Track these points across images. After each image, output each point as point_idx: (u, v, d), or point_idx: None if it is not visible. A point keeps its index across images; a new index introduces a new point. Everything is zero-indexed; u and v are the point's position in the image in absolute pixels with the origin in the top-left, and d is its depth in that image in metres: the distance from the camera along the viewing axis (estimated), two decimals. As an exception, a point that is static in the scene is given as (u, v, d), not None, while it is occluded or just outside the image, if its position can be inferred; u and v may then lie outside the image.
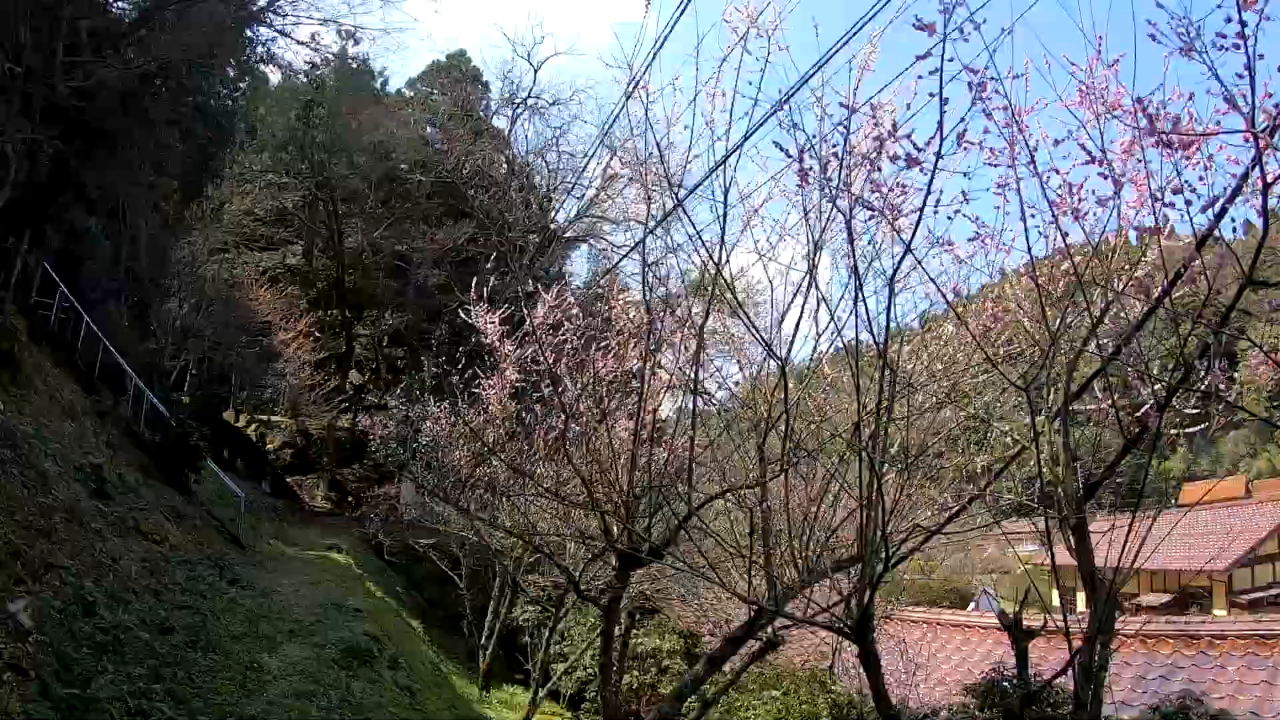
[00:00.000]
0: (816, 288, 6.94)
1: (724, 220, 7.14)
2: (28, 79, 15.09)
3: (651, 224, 8.41)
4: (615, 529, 9.75)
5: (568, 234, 41.13)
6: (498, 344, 10.52)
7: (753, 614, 8.36)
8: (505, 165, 43.20)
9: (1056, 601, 5.96)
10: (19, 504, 11.41)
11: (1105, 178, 5.16)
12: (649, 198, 8.32)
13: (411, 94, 49.87)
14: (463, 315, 10.52)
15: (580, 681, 21.90)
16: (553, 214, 42.55)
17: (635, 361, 12.94)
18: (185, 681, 10.17)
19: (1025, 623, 6.76)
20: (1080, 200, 5.26)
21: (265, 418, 41.44)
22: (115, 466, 17.83)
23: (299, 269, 43.53)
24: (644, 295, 9.01)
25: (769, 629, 9.25)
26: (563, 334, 9.69)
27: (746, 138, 7.09)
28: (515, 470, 11.31)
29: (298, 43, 31.89)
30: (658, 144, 7.39)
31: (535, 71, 44.38)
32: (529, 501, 12.98)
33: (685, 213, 8.01)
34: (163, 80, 19.27)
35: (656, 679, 19.91)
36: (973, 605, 33.74)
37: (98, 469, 16.09)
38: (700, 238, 7.40)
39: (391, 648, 15.54)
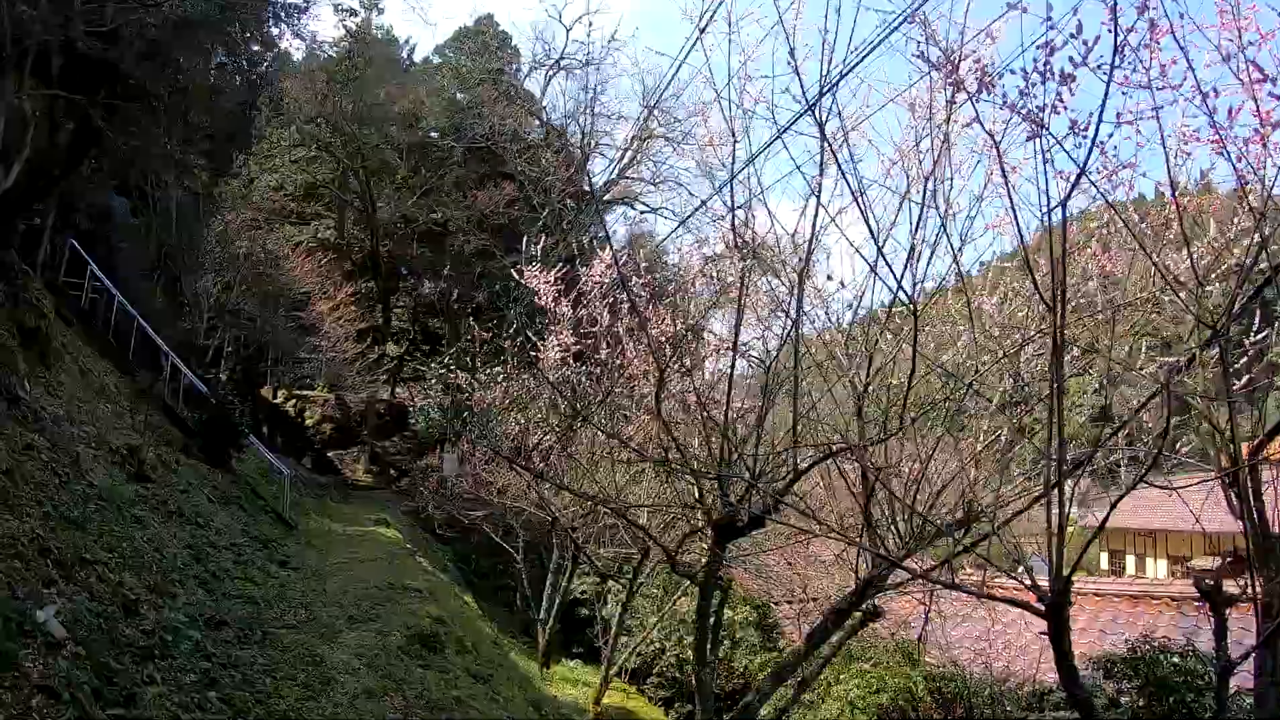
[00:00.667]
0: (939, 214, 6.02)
1: (823, 152, 6.25)
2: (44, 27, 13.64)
3: (737, 166, 7.33)
4: (709, 497, 8.56)
5: (606, 196, 39.48)
6: (553, 305, 10.06)
7: (872, 575, 7.52)
8: (539, 126, 41.54)
9: (1106, 564, 5.04)
10: (49, 492, 10.17)
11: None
12: (734, 132, 7.16)
13: (439, 60, 48.18)
14: (516, 275, 10.26)
15: (643, 656, 20.71)
16: (590, 176, 40.95)
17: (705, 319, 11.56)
18: (243, 685, 8.92)
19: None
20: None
21: (304, 393, 40.40)
22: (154, 447, 16.63)
23: (332, 243, 42.25)
24: (733, 241, 8.03)
25: (870, 600, 8.33)
26: (622, 293, 9.29)
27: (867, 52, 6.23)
28: (608, 435, 10.06)
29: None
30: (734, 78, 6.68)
31: (567, 31, 42.65)
32: (609, 469, 11.91)
33: (785, 145, 7.41)
34: (186, 40, 17.76)
35: (730, 652, 18.64)
36: (1021, 569, 32.22)
37: (134, 451, 14.85)
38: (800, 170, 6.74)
39: (458, 630, 14.29)
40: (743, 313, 8.14)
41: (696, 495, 8.83)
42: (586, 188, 39.14)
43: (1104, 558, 33.20)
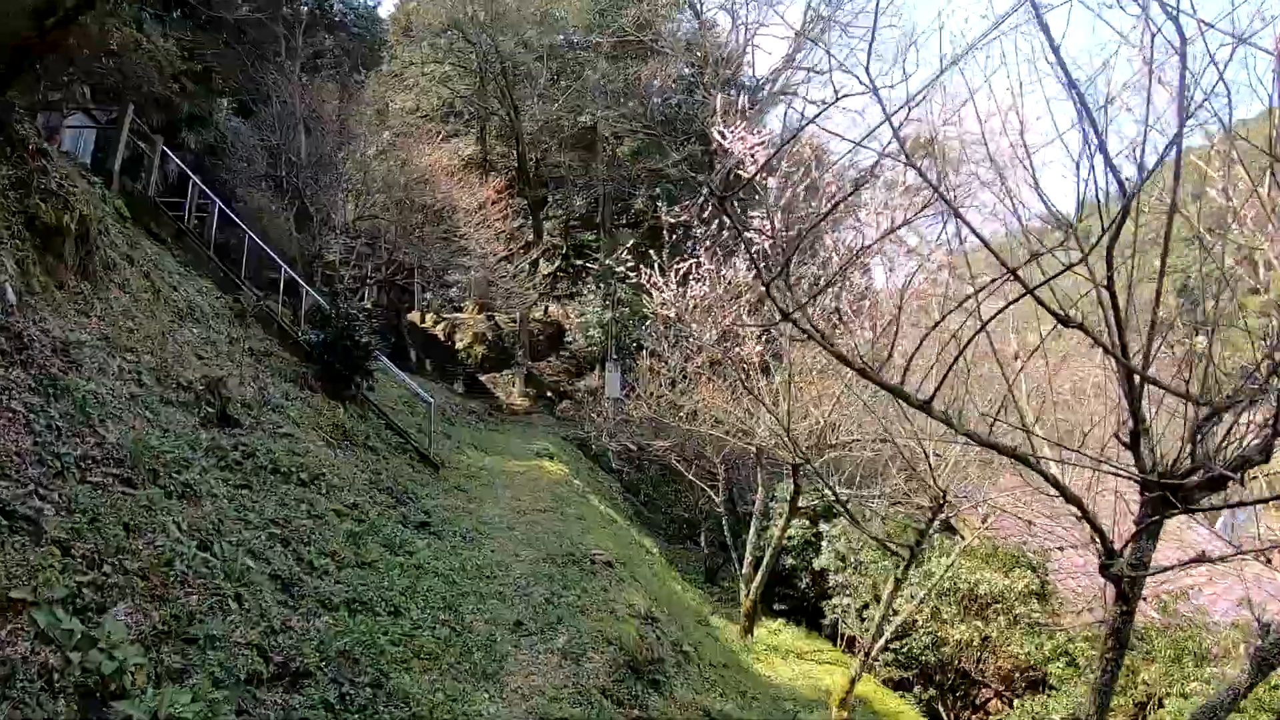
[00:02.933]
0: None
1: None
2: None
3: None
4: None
5: (767, 91, 33.09)
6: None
7: None
8: (692, 17, 35.28)
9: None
10: (50, 452, 5.53)
11: None
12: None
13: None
14: (716, 136, 7.99)
15: (868, 620, 15.48)
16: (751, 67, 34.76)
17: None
18: None
19: None
20: None
21: (453, 316, 36.37)
22: (256, 379, 12.18)
23: (475, 159, 37.56)
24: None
25: None
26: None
27: None
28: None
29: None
30: None
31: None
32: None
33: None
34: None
35: (1005, 632, 13.20)
36: None
37: (214, 386, 10.32)
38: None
39: (673, 628, 9.37)
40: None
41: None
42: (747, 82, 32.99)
43: None
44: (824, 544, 16.51)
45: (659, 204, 29.81)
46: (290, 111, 21.38)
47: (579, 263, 37.34)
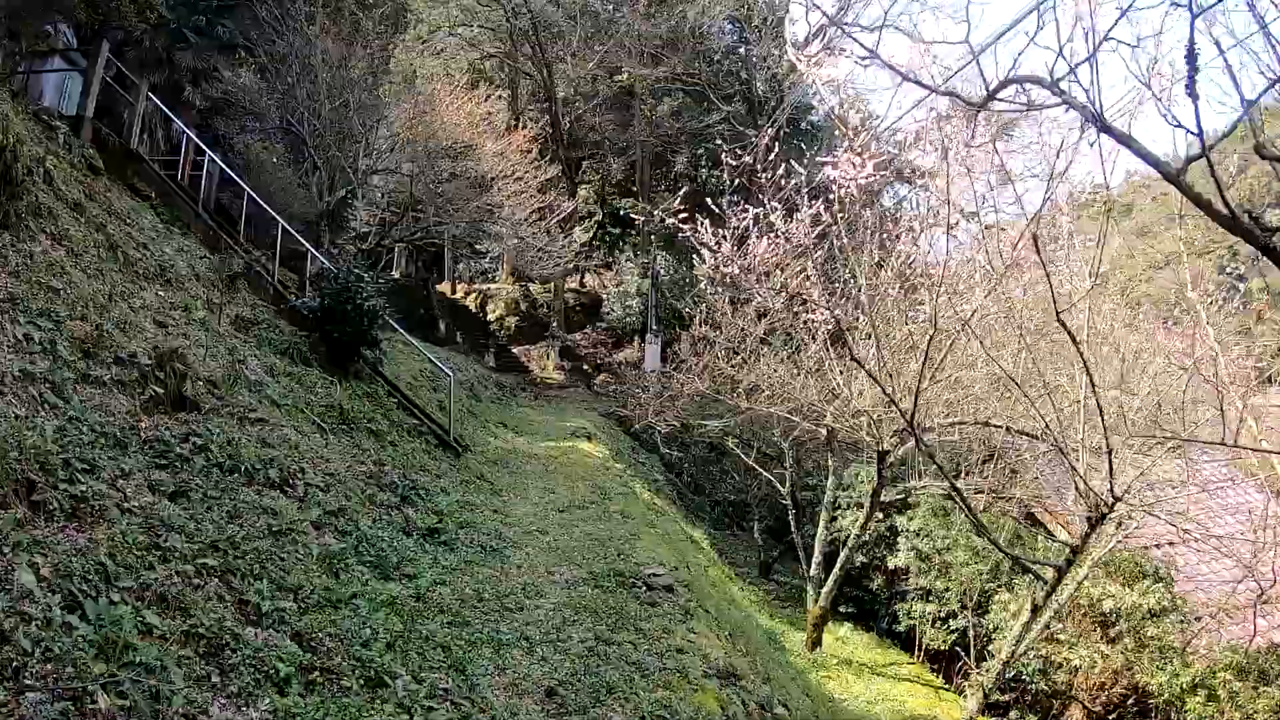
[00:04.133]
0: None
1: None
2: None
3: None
4: None
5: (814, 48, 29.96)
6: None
7: None
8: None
9: None
10: None
11: None
12: None
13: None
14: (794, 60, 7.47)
15: (954, 630, 12.93)
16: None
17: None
18: None
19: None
20: None
21: (485, 286, 33.95)
22: (234, 351, 9.75)
23: (506, 123, 34.80)
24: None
25: None
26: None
27: None
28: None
29: None
30: None
31: None
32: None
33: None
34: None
35: (1131, 657, 10.56)
36: None
37: (169, 358, 7.90)
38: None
39: (758, 682, 6.83)
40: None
41: None
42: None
43: None
44: (900, 540, 13.87)
45: (700, 166, 27.01)
46: (311, 73, 18.79)
47: (615, 230, 34.67)
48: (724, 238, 10.55)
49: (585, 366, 29.34)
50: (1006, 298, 9.10)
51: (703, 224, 10.73)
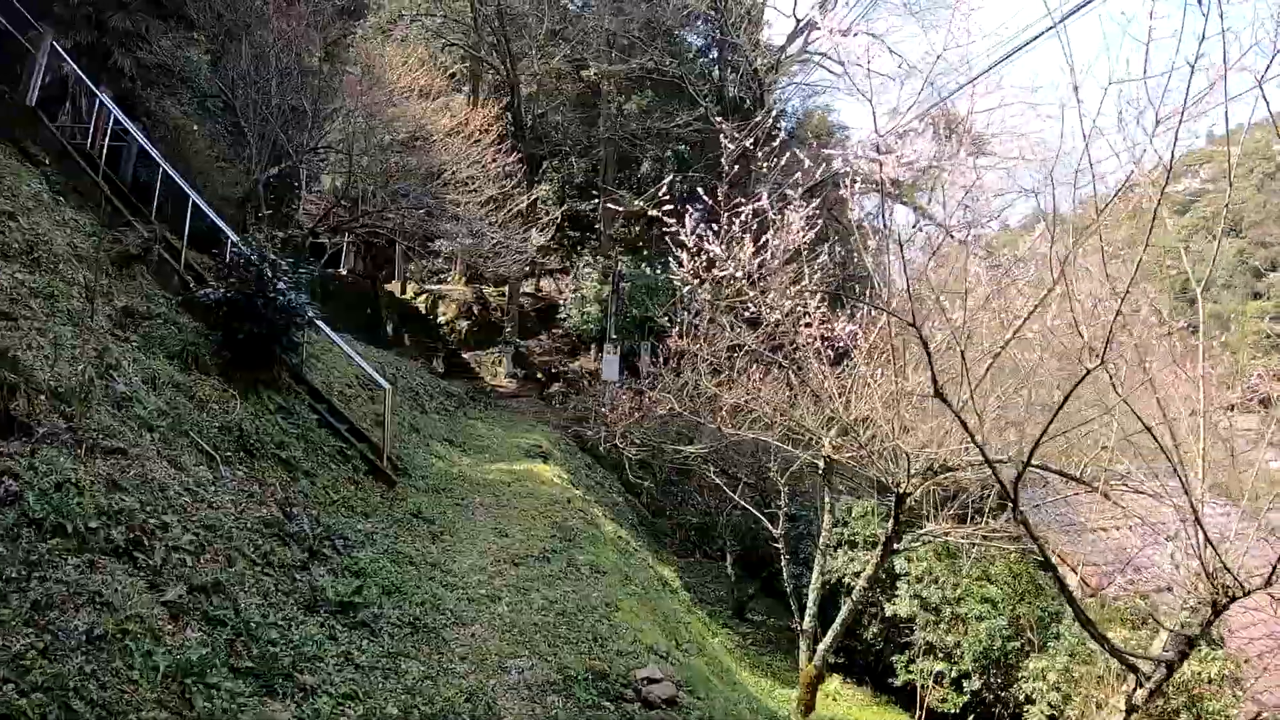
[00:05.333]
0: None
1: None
2: None
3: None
4: None
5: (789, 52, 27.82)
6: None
7: None
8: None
9: None
10: None
11: None
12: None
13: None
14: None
15: (967, 691, 11.00)
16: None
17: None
18: None
19: None
20: None
21: (436, 288, 31.45)
22: (103, 352, 7.36)
23: (465, 129, 32.26)
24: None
25: None
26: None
27: None
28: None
29: None
30: None
31: None
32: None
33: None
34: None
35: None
36: None
37: (-16, 363, 5.54)
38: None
39: None
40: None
41: None
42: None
43: None
44: (901, 586, 11.88)
45: (666, 169, 24.81)
46: (260, 48, 16.26)
47: (575, 233, 32.40)
48: (716, 235, 8.57)
49: (539, 375, 26.99)
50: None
51: (691, 217, 8.73)
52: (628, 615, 7.13)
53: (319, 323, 10.80)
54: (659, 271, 23.44)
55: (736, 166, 8.93)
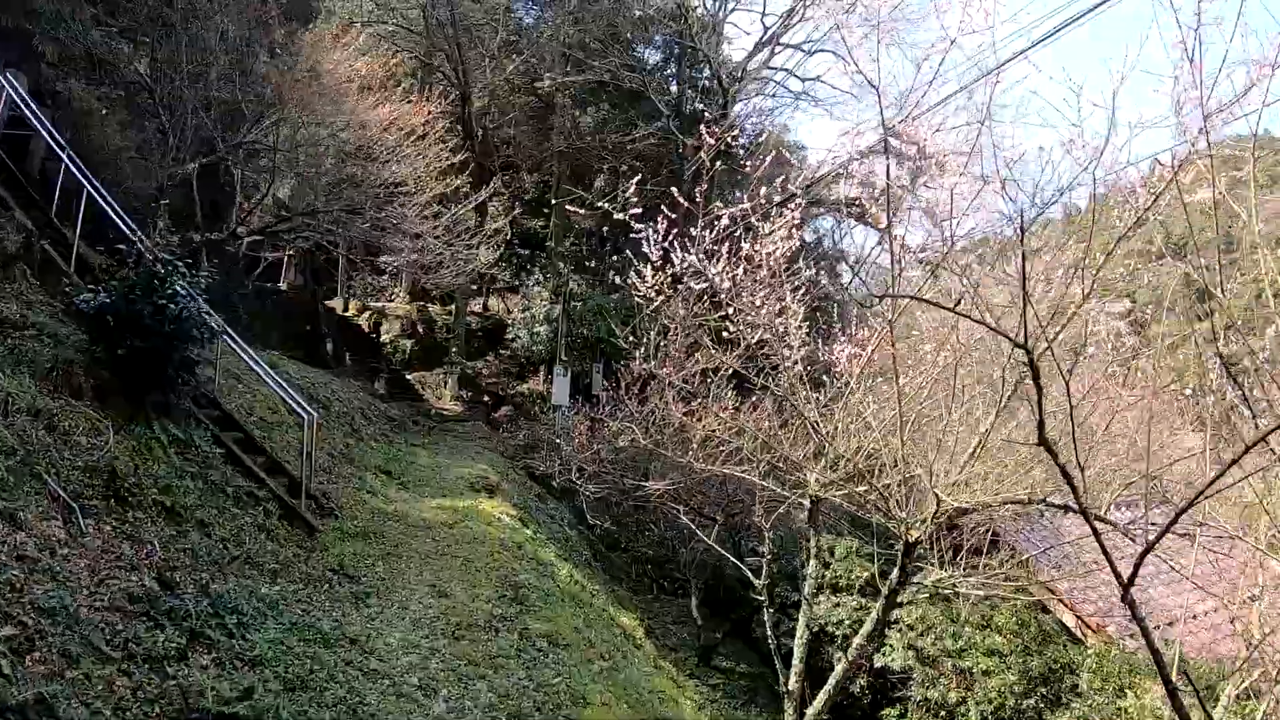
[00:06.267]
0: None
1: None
2: None
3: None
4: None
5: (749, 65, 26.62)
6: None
7: None
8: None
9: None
10: None
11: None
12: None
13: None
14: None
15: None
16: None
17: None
18: None
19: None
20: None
21: (380, 305, 29.47)
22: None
23: (415, 131, 30.51)
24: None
25: None
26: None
27: None
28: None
29: None
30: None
31: None
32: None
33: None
34: None
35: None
36: None
37: None
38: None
39: None
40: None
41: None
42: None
43: None
44: (893, 635, 10.50)
45: (624, 182, 23.40)
46: (199, 45, 14.50)
47: (525, 251, 30.75)
48: (684, 246, 7.24)
49: (486, 398, 25.27)
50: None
51: (655, 229, 7.39)
52: (597, 712, 5.59)
53: (230, 337, 9.07)
54: (612, 295, 22.11)
55: (700, 180, 7.59)
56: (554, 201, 27.66)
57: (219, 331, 8.56)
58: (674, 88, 27.30)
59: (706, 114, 22.08)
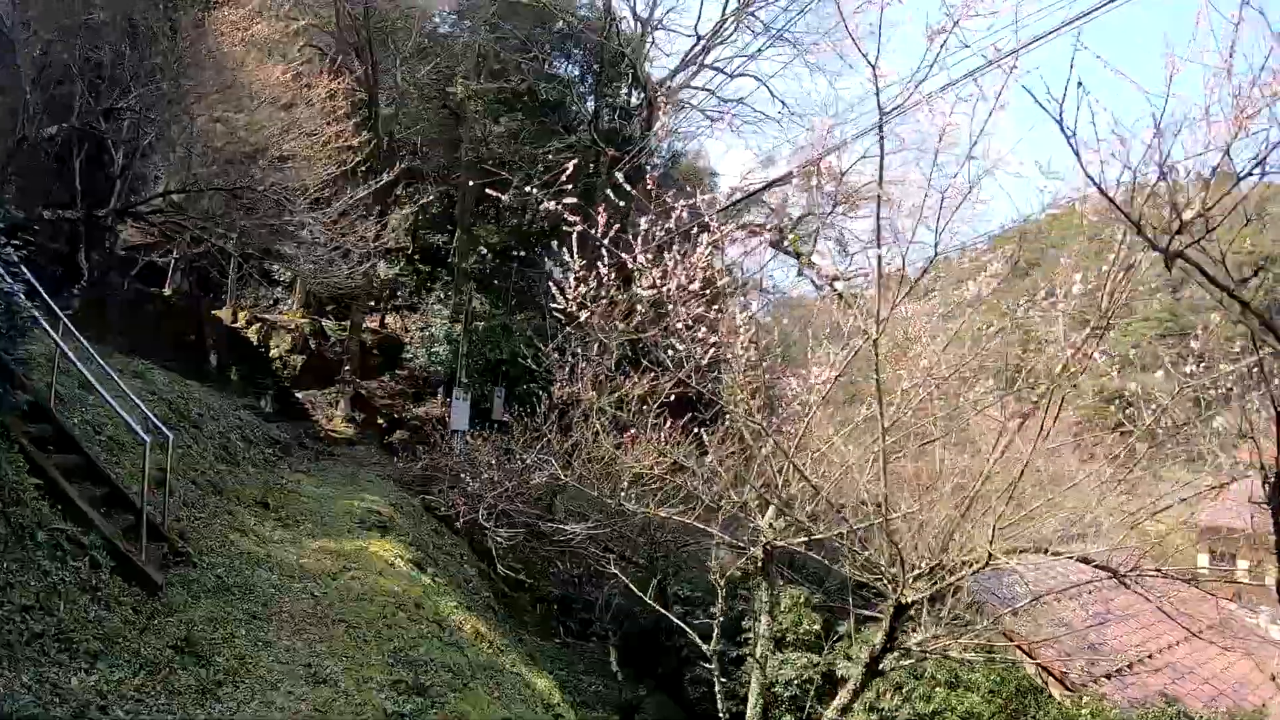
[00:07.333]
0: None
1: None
2: None
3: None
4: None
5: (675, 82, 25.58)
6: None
7: None
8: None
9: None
10: None
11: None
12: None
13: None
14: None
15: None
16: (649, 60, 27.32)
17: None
18: None
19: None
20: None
21: (270, 317, 26.88)
22: None
23: (316, 135, 28.16)
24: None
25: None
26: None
27: None
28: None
29: None
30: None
31: None
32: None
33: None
34: None
35: None
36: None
37: None
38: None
39: None
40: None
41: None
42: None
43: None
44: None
45: (535, 194, 21.95)
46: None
47: (426, 268, 28.76)
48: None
49: (381, 420, 23.14)
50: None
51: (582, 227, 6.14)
52: None
53: (51, 333, 7.12)
54: (517, 315, 20.60)
55: (619, 198, 6.38)
56: (459, 215, 25.90)
57: (32, 320, 6.58)
58: (590, 104, 26.05)
59: (622, 133, 21.01)
